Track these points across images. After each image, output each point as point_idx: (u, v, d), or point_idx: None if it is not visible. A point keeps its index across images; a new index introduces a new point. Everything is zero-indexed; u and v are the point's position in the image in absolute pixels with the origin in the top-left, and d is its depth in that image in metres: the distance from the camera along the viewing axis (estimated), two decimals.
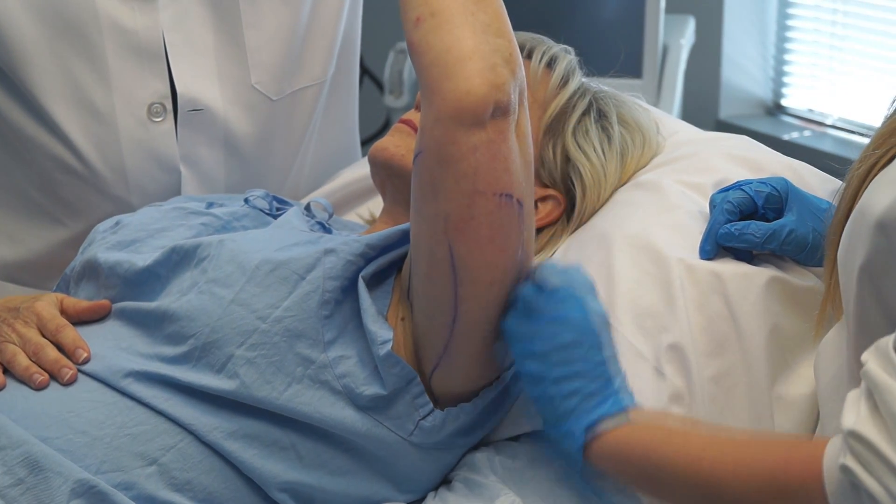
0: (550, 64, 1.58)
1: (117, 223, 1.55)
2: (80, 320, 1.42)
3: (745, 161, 1.59)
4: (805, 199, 1.46)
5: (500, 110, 1.22)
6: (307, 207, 1.61)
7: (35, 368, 1.35)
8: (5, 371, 1.37)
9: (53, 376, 1.35)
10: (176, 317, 1.35)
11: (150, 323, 1.37)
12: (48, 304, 1.42)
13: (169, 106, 1.69)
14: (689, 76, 2.92)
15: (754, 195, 1.45)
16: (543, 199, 1.55)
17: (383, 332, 1.33)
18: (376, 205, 1.74)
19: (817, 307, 1.29)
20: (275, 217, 1.57)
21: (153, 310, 1.37)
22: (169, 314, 1.35)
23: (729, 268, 1.43)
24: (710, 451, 1.13)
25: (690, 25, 2.95)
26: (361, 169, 1.81)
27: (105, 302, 1.43)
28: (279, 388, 1.31)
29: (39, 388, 1.34)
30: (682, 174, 1.57)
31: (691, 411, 1.37)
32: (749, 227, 1.43)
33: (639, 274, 1.44)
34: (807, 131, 3.23)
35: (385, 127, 3.25)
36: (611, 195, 1.58)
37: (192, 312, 1.34)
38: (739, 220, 1.45)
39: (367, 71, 3.26)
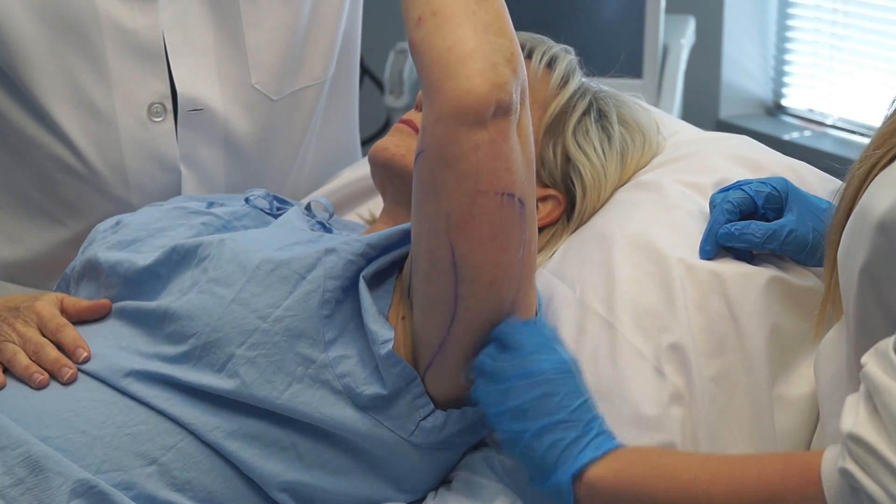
0: (551, 64, 1.58)
1: (118, 223, 1.54)
2: (80, 320, 1.42)
3: (745, 161, 1.59)
4: (805, 199, 1.46)
5: (502, 109, 1.22)
6: (308, 207, 1.61)
7: (35, 368, 1.35)
8: (5, 370, 1.37)
9: (53, 376, 1.34)
10: (176, 316, 1.35)
11: (150, 322, 1.37)
12: (48, 303, 1.42)
13: (169, 106, 1.69)
14: (689, 76, 2.92)
15: (754, 195, 1.45)
16: (544, 199, 1.55)
17: (384, 331, 1.33)
18: (376, 205, 1.73)
19: (817, 307, 1.28)
20: (275, 217, 1.57)
21: (154, 309, 1.37)
22: (169, 313, 1.35)
23: (729, 268, 1.43)
24: (704, 472, 1.13)
25: (690, 25, 2.95)
26: (362, 169, 1.81)
27: (105, 301, 1.43)
28: (279, 388, 1.31)
29: (39, 387, 1.34)
30: (683, 174, 1.57)
31: (691, 411, 1.37)
32: (749, 226, 1.43)
33: (639, 274, 1.44)
34: (807, 131, 3.23)
35: (385, 127, 3.25)
36: (611, 195, 1.58)
37: (192, 312, 1.34)
38: (739, 219, 1.44)
39: (367, 71, 3.26)
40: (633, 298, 1.42)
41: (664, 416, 1.36)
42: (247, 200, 1.59)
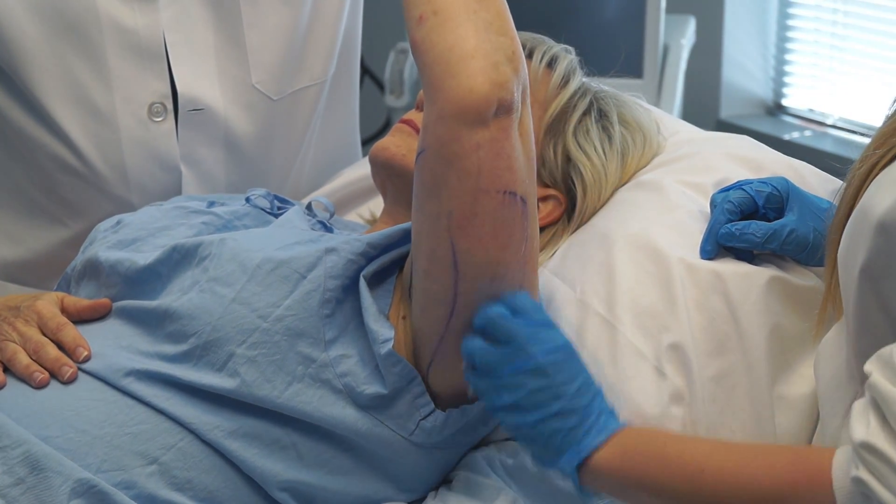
0: (551, 64, 1.58)
1: (118, 222, 1.54)
2: (80, 319, 1.42)
3: (745, 161, 1.59)
4: (806, 198, 1.46)
5: (504, 108, 1.22)
6: (308, 207, 1.61)
7: (35, 367, 1.35)
8: (6, 370, 1.37)
9: (54, 375, 1.34)
10: (177, 315, 1.35)
11: (150, 321, 1.37)
12: (49, 302, 1.42)
13: (169, 106, 1.68)
14: (689, 76, 2.92)
15: (755, 195, 1.45)
16: (544, 198, 1.55)
17: (384, 330, 1.33)
18: (377, 205, 1.73)
19: (818, 307, 1.28)
20: (276, 216, 1.57)
21: (154, 308, 1.37)
22: (170, 313, 1.35)
23: (730, 267, 1.43)
24: (711, 463, 1.12)
25: (691, 25, 2.95)
26: (362, 169, 1.81)
27: (105, 301, 1.43)
28: (280, 387, 1.31)
29: (40, 386, 1.34)
30: (683, 174, 1.57)
31: (692, 411, 1.37)
32: (750, 226, 1.43)
33: (639, 273, 1.44)
34: (807, 131, 3.23)
35: (386, 127, 3.25)
36: (611, 195, 1.58)
37: (193, 311, 1.34)
38: (740, 219, 1.44)
39: (367, 71, 3.26)
40: (634, 298, 1.42)
41: (664, 416, 1.36)
42: (247, 200, 1.59)
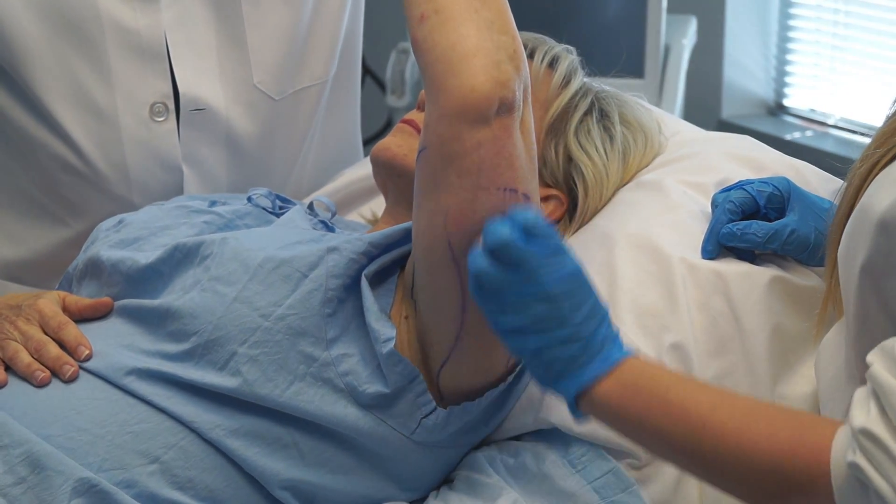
0: (552, 64, 1.58)
1: (120, 221, 1.54)
2: (82, 318, 1.42)
3: (747, 161, 1.59)
4: (807, 198, 1.46)
5: (505, 107, 1.22)
6: (310, 206, 1.60)
7: (37, 365, 1.35)
8: (7, 368, 1.37)
9: (55, 373, 1.34)
10: (179, 314, 1.35)
11: (152, 320, 1.37)
12: (50, 301, 1.42)
13: (171, 105, 1.68)
14: (691, 76, 2.92)
15: (756, 195, 1.45)
16: (546, 198, 1.54)
17: (386, 330, 1.32)
18: (378, 204, 1.73)
19: (819, 307, 1.28)
20: (277, 216, 1.57)
21: (156, 307, 1.37)
22: (171, 311, 1.35)
23: (731, 267, 1.43)
24: (714, 418, 1.08)
25: (692, 25, 2.95)
26: (363, 169, 1.81)
27: (107, 299, 1.43)
28: (281, 386, 1.31)
29: (41, 385, 1.34)
30: (684, 174, 1.57)
31: None
32: (751, 226, 1.43)
33: (641, 273, 1.44)
34: (809, 131, 3.23)
35: (387, 127, 3.25)
36: (613, 195, 1.58)
37: (194, 310, 1.34)
38: (741, 219, 1.44)
39: (368, 71, 3.25)
40: (635, 298, 1.42)
41: None
42: (249, 199, 1.59)
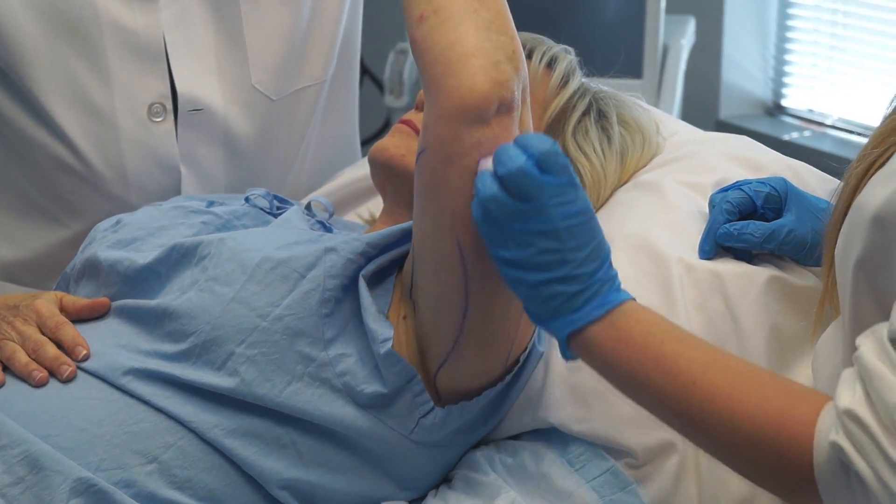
0: (551, 64, 1.58)
1: (118, 222, 1.54)
2: (79, 318, 1.42)
3: (744, 161, 1.59)
4: (804, 198, 1.46)
5: (505, 107, 1.21)
6: (308, 207, 1.60)
7: (34, 366, 1.35)
8: (5, 368, 1.37)
9: (53, 373, 1.34)
10: (176, 314, 1.34)
11: (150, 320, 1.37)
12: (47, 301, 1.42)
13: (169, 106, 1.69)
14: (689, 76, 2.92)
15: (753, 195, 1.45)
16: None
17: (384, 330, 1.32)
18: (376, 205, 1.73)
19: (816, 306, 1.29)
20: (275, 216, 1.57)
21: (153, 307, 1.37)
22: (169, 312, 1.35)
23: (729, 267, 1.43)
24: (705, 378, 1.08)
25: (691, 26, 2.95)
26: (361, 169, 1.81)
27: (104, 300, 1.43)
28: (279, 386, 1.31)
29: (39, 385, 1.34)
30: (682, 174, 1.57)
31: None
32: (748, 226, 1.43)
33: (638, 273, 1.43)
34: (807, 131, 3.23)
35: (385, 127, 3.25)
36: (611, 195, 1.58)
37: (192, 310, 1.34)
38: (739, 220, 1.45)
39: (367, 71, 3.26)
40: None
41: None
42: (247, 200, 1.59)
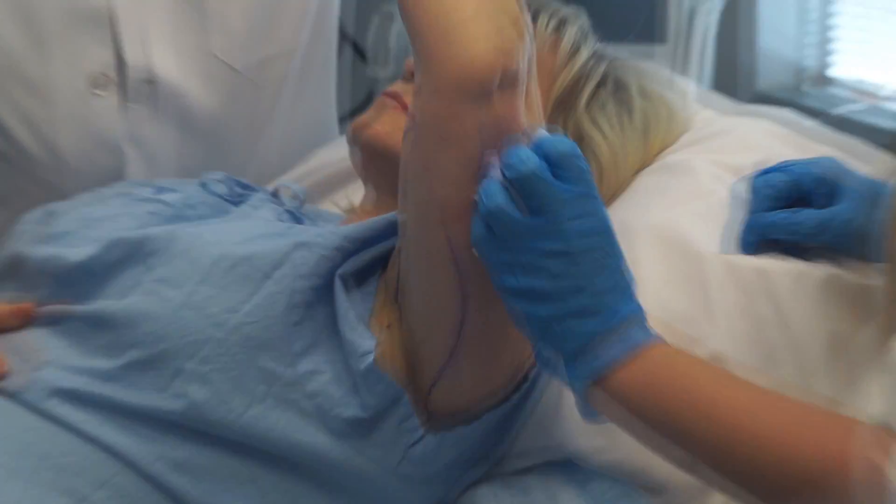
0: (559, 28, 1.59)
1: (49, 213, 1.53)
2: None
3: (788, 138, 1.61)
4: (860, 181, 1.43)
5: (508, 79, 1.20)
6: (275, 193, 1.61)
7: None
8: None
9: None
10: (113, 322, 1.32)
11: (82, 330, 1.35)
12: None
13: (114, 76, 1.69)
14: (721, 41, 2.96)
15: (801, 178, 1.45)
16: None
17: (364, 341, 1.30)
18: (356, 191, 1.72)
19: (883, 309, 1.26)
20: (236, 204, 1.57)
21: (87, 314, 1.35)
22: (105, 319, 1.33)
23: (777, 265, 1.43)
24: (756, 421, 1.10)
25: None
26: (339, 150, 1.80)
27: (27, 305, 1.41)
28: (237, 410, 1.29)
29: None
30: (717, 154, 1.58)
31: None
32: (798, 215, 1.43)
33: (668, 272, 1.44)
34: (858, 104, 3.23)
35: (367, 101, 3.26)
36: (632, 179, 1.59)
37: (133, 317, 1.32)
38: (785, 207, 1.45)
39: (346, 37, 3.26)
40: (662, 302, 1.41)
41: None
42: (203, 185, 1.58)
